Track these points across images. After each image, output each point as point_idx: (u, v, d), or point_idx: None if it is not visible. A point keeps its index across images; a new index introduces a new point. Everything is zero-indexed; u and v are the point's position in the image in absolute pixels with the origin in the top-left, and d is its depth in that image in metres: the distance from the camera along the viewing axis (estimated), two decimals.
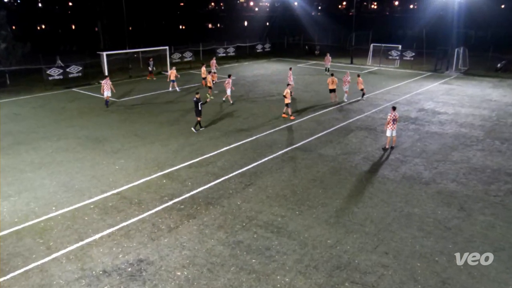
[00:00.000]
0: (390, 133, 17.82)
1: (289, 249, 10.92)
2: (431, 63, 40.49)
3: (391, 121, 17.57)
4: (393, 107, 18.11)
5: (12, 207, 12.97)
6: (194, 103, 20.25)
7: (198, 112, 20.17)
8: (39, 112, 24.17)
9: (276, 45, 55.02)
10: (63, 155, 17.34)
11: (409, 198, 13.73)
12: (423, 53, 41.81)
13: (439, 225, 12.09)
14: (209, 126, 21.36)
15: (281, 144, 18.72)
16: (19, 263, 10.26)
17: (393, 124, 17.63)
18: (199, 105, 19.98)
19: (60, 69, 31.37)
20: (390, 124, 17.64)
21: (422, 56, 41.71)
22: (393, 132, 17.81)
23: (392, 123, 17.60)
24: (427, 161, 16.87)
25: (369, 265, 10.25)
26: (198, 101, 19.97)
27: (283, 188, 14.40)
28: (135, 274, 9.91)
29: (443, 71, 38.59)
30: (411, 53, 41.53)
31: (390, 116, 17.57)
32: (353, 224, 12.14)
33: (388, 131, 17.81)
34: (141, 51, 39.06)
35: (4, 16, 31.33)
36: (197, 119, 20.43)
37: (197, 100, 20.00)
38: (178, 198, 13.64)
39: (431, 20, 54.27)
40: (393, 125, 17.66)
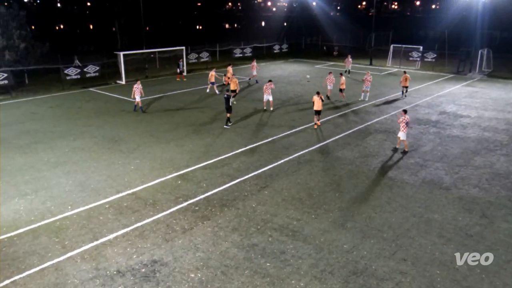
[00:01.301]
0: (403, 135, 17.68)
1: (304, 253, 10.74)
2: (453, 65, 39.63)
3: (404, 123, 17.48)
4: (404, 110, 18.08)
5: (29, 205, 13.09)
6: (225, 99, 21.07)
7: (229, 108, 21.02)
8: (56, 112, 24.46)
9: (294, 45, 54.72)
10: (79, 154, 17.47)
11: (429, 204, 13.38)
12: (445, 55, 41.02)
13: (460, 232, 11.75)
14: (224, 127, 21.27)
15: (297, 146, 18.51)
16: (35, 261, 10.33)
17: (406, 126, 17.48)
18: (229, 102, 20.87)
19: (77, 69, 31.73)
20: (404, 126, 17.51)
21: (444, 57, 40.93)
22: (404, 135, 17.65)
23: (406, 125, 17.45)
24: (448, 166, 16.44)
25: (387, 272, 10.01)
26: (229, 97, 20.82)
27: (299, 191, 14.20)
28: (149, 275, 9.87)
29: (466, 73, 37.77)
30: (433, 55, 40.70)
31: (403, 119, 17.49)
32: (371, 229, 11.88)
33: (402, 133, 17.63)
34: (157, 51, 39.27)
35: (24, 16, 31.84)
36: (227, 115, 21.28)
37: (227, 96, 20.82)
38: (193, 199, 13.56)
39: (454, 21, 53.14)
40: (405, 128, 17.51)
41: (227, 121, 21.36)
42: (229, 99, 20.81)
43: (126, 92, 29.24)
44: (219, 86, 30.65)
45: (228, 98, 20.81)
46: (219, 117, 22.99)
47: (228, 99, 20.80)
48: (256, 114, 23.84)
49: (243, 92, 29.50)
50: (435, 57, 40.51)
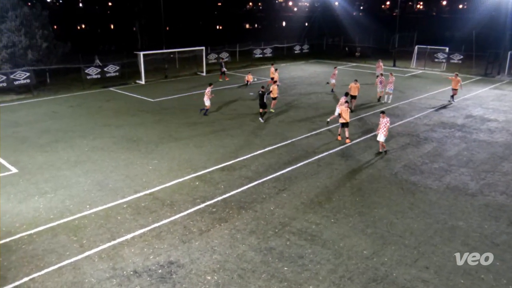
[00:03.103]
0: (383, 138, 17.20)
1: (323, 258, 10.51)
2: (481, 67, 38.47)
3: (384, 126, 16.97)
4: (382, 111, 17.73)
5: (48, 203, 13.21)
6: (259, 95, 22.03)
7: (263, 104, 21.97)
8: (77, 111, 24.76)
9: (315, 46, 54.20)
10: (99, 154, 17.59)
11: (453, 210, 12.94)
12: (473, 56, 39.93)
13: (486, 240, 11.32)
14: (244, 128, 21.15)
15: (317, 148, 18.23)
16: (54, 260, 10.39)
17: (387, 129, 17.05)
18: (264, 97, 21.82)
19: (98, 69, 32.09)
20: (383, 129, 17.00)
21: (471, 59, 39.84)
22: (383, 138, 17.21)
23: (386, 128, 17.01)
24: (474, 171, 15.91)
25: (408, 279, 9.70)
26: (263, 93, 21.83)
27: (318, 195, 13.94)
28: (165, 276, 9.81)
29: (494, 76, 36.65)
30: (459, 56, 39.60)
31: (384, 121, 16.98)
32: (392, 235, 11.55)
33: (382, 136, 17.14)
34: (177, 51, 39.47)
35: (46, 16, 32.31)
36: (263, 111, 22.18)
37: (262, 93, 21.85)
38: (211, 201, 13.47)
39: (482, 21, 51.59)
40: (386, 131, 17.06)
41: (262, 115, 22.27)
42: (264, 95, 21.81)
43: (146, 92, 29.58)
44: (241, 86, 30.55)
45: (262, 95, 21.77)
46: (237, 118, 22.90)
47: (263, 95, 21.77)
48: (275, 116, 23.63)
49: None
50: (461, 59, 39.42)
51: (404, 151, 18.00)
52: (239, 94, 29.33)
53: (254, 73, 35.51)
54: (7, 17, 29.25)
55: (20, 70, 28.12)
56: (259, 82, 33.32)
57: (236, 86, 32.04)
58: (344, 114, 18.56)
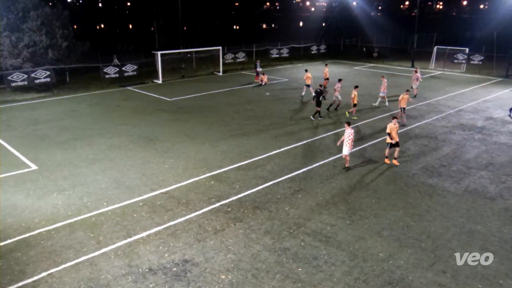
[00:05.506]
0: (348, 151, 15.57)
1: (337, 260, 10.44)
2: (502, 68, 37.70)
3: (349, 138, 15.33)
4: (347, 122, 15.81)
5: (67, 200, 13.43)
6: (316, 94, 22.30)
7: (319, 103, 22.05)
8: (95, 109, 25.11)
9: (332, 46, 53.79)
10: (116, 152, 17.81)
11: (471, 214, 12.70)
12: (493, 57, 39.08)
13: (505, 245, 11.08)
14: (260, 128, 21.16)
15: (333, 149, 18.09)
16: (71, 256, 10.55)
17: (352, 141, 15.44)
18: (320, 97, 21.98)
19: (116, 68, 32.48)
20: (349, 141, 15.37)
21: (492, 60, 39.01)
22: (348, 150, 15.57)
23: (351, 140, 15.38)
24: (494, 175, 15.59)
25: (424, 283, 9.57)
26: (321, 92, 22.08)
27: (334, 196, 13.85)
28: (180, 274, 9.87)
29: None
30: (480, 57, 38.81)
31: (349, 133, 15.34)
32: (408, 238, 11.40)
33: (346, 149, 15.49)
34: (194, 51, 39.69)
35: (67, 15, 32.89)
36: (317, 109, 22.26)
37: (320, 91, 22.11)
38: (226, 200, 13.50)
39: (504, 22, 50.46)
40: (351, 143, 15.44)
41: (317, 114, 22.38)
42: (321, 94, 22.02)
43: (163, 91, 29.84)
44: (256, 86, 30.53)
45: (320, 93, 22.01)
46: (253, 118, 22.91)
47: (319, 94, 22.00)
48: (291, 116, 23.57)
49: (278, 93, 29.26)
50: (482, 60, 38.63)
51: (421, 153, 17.74)
52: (255, 94, 29.35)
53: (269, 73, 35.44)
54: (28, 17, 29.88)
55: (41, 69, 28.70)
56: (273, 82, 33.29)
57: (252, 86, 32.07)
58: (394, 133, 16.21)
